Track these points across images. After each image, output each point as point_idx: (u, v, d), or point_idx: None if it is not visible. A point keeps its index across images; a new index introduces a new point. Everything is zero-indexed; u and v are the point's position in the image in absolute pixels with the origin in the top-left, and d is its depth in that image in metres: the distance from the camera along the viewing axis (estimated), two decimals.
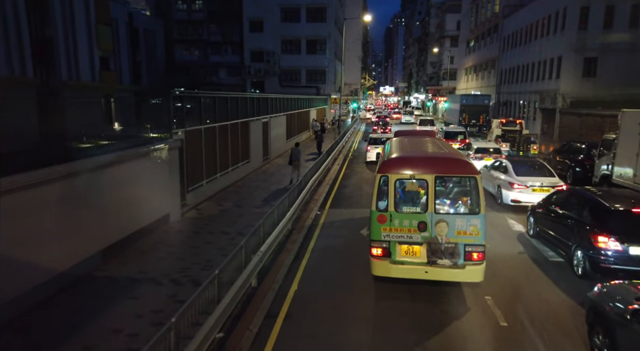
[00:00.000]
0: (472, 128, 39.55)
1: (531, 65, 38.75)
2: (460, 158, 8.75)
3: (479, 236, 7.96)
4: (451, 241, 7.97)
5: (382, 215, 8.21)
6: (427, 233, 8.03)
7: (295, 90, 51.84)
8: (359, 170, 23.52)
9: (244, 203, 15.43)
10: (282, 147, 28.60)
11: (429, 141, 11.30)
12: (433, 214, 8.03)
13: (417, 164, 8.36)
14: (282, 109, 29.12)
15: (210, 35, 57.30)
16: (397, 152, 9.38)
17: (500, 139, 27.57)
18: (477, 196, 8.04)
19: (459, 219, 8.00)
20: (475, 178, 8.11)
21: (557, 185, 14.24)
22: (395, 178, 8.22)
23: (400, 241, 8.15)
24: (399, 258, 8.19)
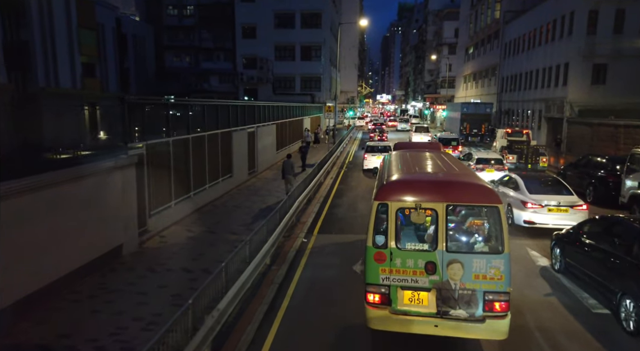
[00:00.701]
0: (474, 138, 37.53)
1: (535, 72, 36.81)
2: (479, 182, 6.95)
3: (503, 281, 6.30)
4: (467, 286, 6.35)
5: (380, 253, 6.57)
6: (436, 276, 6.43)
7: (290, 97, 49.87)
8: (354, 184, 21.34)
9: (219, 228, 13.19)
10: (272, 159, 26.42)
11: (437, 158, 9.42)
12: (444, 253, 6.42)
13: (424, 189, 6.68)
14: (272, 117, 26.99)
15: (202, 42, 55.38)
16: (398, 172, 7.67)
17: (507, 151, 25.46)
18: (500, 229, 6.38)
19: (477, 259, 6.37)
20: (497, 207, 6.45)
21: (577, 204, 12.50)
22: (396, 206, 6.59)
23: (403, 286, 6.54)
24: (401, 307, 6.56)
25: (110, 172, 9.77)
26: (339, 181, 22.10)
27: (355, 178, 23.15)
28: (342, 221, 14.63)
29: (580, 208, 12.41)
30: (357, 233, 12.90)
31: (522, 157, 24.70)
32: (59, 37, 32.79)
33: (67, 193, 8.43)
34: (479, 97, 52.15)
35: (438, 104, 76.51)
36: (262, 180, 21.69)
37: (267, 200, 17.14)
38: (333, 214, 15.57)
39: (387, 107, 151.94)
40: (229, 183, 18.55)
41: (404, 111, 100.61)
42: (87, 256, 9.12)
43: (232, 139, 18.82)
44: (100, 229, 9.46)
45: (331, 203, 17.23)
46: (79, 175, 8.76)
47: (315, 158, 28.36)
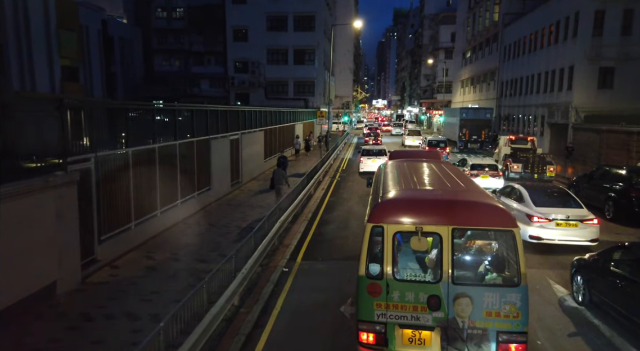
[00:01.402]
0: (473, 144, 35.74)
1: (537, 76, 35.12)
2: (490, 202, 5.96)
3: (519, 320, 5.40)
4: (477, 325, 5.47)
5: (375, 284, 5.68)
6: (441, 313, 5.57)
7: (283, 102, 48.03)
8: (346, 196, 19.42)
9: (186, 253, 11.23)
10: (259, 168, 24.47)
11: (438, 170, 8.38)
12: (450, 285, 5.53)
13: (427, 209, 5.78)
14: (260, 123, 25.08)
15: (192, 45, 53.50)
16: (395, 188, 6.75)
17: (511, 160, 23.63)
18: (516, 257, 5.48)
19: (489, 293, 5.49)
20: (512, 231, 5.54)
21: (587, 219, 11.40)
22: (394, 229, 5.70)
23: (402, 324, 5.66)
24: (400, 349, 5.68)
25: (37, 194, 7.80)
26: (330, 193, 20.18)
27: (348, 188, 21.23)
28: (331, 243, 12.70)
29: (591, 222, 11.32)
30: (348, 257, 10.98)
31: (528, 167, 22.88)
32: (35, 39, 30.75)
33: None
34: (477, 102, 50.48)
35: (435, 109, 74.90)
36: (247, 192, 19.73)
37: (249, 216, 15.18)
38: (321, 234, 13.63)
39: (383, 112, 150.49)
40: (206, 197, 16.59)
41: (400, 116, 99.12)
42: (6, 299, 7.15)
43: (211, 148, 16.88)
44: (20, 267, 7.48)
45: (320, 220, 15.28)
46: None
47: (305, 167, 26.46)
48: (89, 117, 9.72)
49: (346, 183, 22.90)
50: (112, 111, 11.07)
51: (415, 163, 9.38)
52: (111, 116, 10.91)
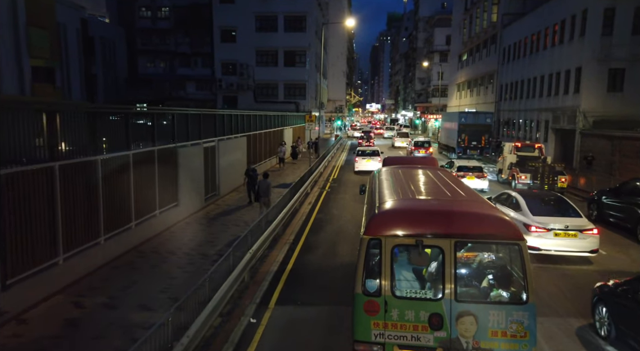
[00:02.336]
0: (473, 151, 33.47)
1: (540, 78, 32.94)
2: (494, 212, 5.49)
3: (527, 340, 4.91)
4: (482, 346, 4.96)
5: (372, 302, 5.17)
6: (444, 333, 5.04)
7: (272, 106, 45.69)
8: (337, 212, 17.00)
9: (128, 296, 8.74)
10: (240, 178, 21.97)
11: (436, 178, 8.09)
12: (453, 302, 5.03)
13: (427, 220, 5.26)
14: (242, 128, 22.64)
15: (178, 46, 51.01)
16: (392, 198, 6.27)
17: (518, 169, 21.34)
18: (524, 272, 5.00)
19: (494, 311, 4.99)
20: (519, 244, 5.07)
21: (587, 228, 10.77)
22: (392, 242, 5.19)
23: (401, 345, 5.12)
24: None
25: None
26: (318, 207, 17.74)
27: (339, 202, 18.81)
28: (316, 279, 10.24)
29: (591, 232, 10.76)
30: (337, 301, 8.55)
31: (537, 177, 20.60)
32: (0, 37, 28.19)
33: None
34: (475, 107, 48.31)
35: (430, 113, 72.79)
36: (223, 206, 17.24)
37: (220, 239, 12.71)
38: (304, 265, 11.17)
39: (377, 116, 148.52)
40: (173, 215, 14.10)
41: (394, 121, 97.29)
42: None
43: (178, 158, 14.40)
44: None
45: (304, 244, 12.83)
46: None
47: (292, 176, 24.03)
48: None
49: (337, 195, 20.48)
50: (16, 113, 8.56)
51: (412, 170, 8.90)
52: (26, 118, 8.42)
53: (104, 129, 10.75)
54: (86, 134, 9.96)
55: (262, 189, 15.02)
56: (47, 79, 36.61)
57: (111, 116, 11.54)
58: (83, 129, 9.89)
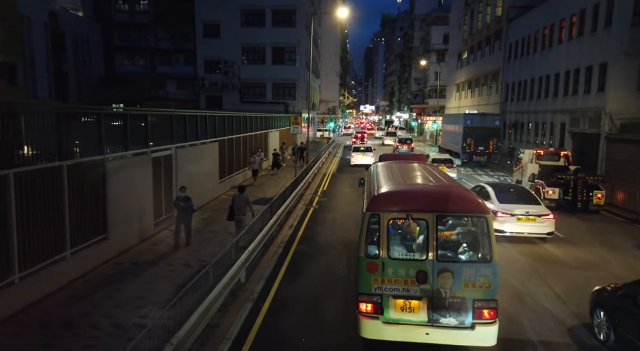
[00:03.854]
0: (479, 157, 29.74)
1: (554, 76, 29.30)
2: (466, 192, 7.07)
3: (491, 289, 6.30)
4: (457, 295, 6.32)
5: (372, 263, 6.51)
6: (427, 285, 6.37)
7: (260, 107, 41.88)
8: (324, 240, 13.14)
9: None
10: (209, 193, 18.08)
11: (423, 169, 9.56)
12: (435, 262, 6.38)
13: (415, 199, 6.75)
14: (214, 132, 18.77)
15: (158, 42, 46.99)
16: (388, 184, 7.62)
17: (543, 183, 17.59)
18: (489, 239, 6.41)
19: (466, 268, 6.35)
20: (485, 217, 6.51)
21: (544, 214, 12.63)
22: (388, 217, 6.58)
23: (395, 295, 6.45)
24: (393, 316, 6.45)
25: None
26: (301, 234, 13.88)
27: (328, 225, 14.95)
28: None
29: (547, 217, 12.59)
30: None
31: (568, 192, 16.87)
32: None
33: None
34: (476, 108, 44.71)
35: (427, 114, 69.20)
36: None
37: (155, 292, 8.82)
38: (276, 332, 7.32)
39: (371, 118, 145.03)
40: (97, 253, 10.18)
41: (389, 122, 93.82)
42: None
43: (106, 174, 10.49)
44: None
45: (274, 301, 8.91)
46: None
47: (274, 190, 20.17)
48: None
49: (325, 214, 16.63)
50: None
51: (404, 164, 10.57)
52: None
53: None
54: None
55: (238, 205, 11.83)
56: (7, 77, 32.58)
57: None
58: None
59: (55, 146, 8.82)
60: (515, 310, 8.59)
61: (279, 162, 25.07)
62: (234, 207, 12.17)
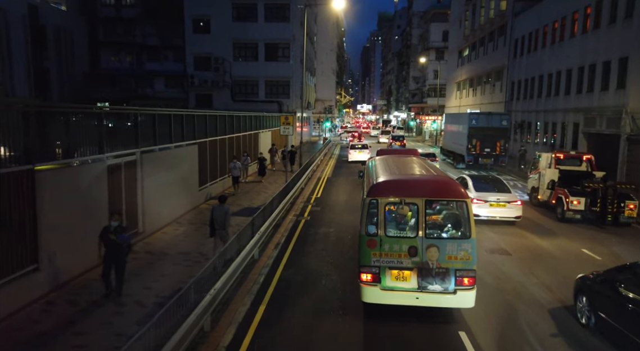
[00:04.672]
0: (486, 159, 27.54)
1: (566, 73, 27.13)
2: (450, 181, 8.28)
3: (470, 261, 7.50)
4: (442, 265, 7.53)
5: (371, 240, 7.72)
6: (417, 258, 7.59)
7: (252, 106, 39.65)
8: (315, 266, 10.90)
9: None
10: (186, 204, 15.78)
11: (415, 162, 10.89)
12: (424, 239, 7.61)
13: (407, 187, 7.98)
14: (193, 133, 16.49)
15: (146, 38, 44.54)
16: (384, 174, 8.79)
17: (567, 191, 15.38)
18: (468, 220, 7.62)
19: (449, 243, 7.59)
20: (465, 202, 7.71)
21: (513, 201, 14.48)
22: (384, 201, 7.79)
23: (390, 267, 7.67)
24: (389, 284, 7.69)
25: None
26: (288, 255, 11.63)
27: (320, 244, 12.70)
28: None
29: (516, 203, 14.51)
30: None
31: (597, 203, 14.67)
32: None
33: None
34: (478, 107, 42.54)
35: (425, 114, 67.07)
36: (141, 255, 11.05)
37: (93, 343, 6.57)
38: None
39: (368, 117, 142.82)
40: (21, 290, 7.91)
41: (387, 122, 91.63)
42: None
43: (36, 187, 8.20)
44: None
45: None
46: None
47: (261, 199, 17.94)
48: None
49: (319, 228, 14.37)
50: None
51: (398, 158, 12.02)
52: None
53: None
54: None
55: (219, 218, 10.26)
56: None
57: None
58: None
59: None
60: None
61: (264, 168, 22.51)
62: (214, 220, 10.28)
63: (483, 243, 12.57)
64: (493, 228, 14.46)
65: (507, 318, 8.18)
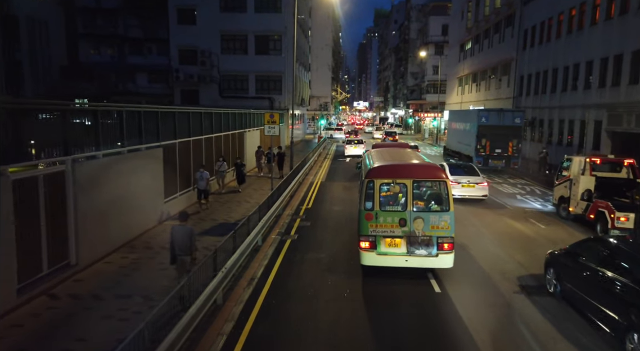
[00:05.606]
0: (496, 161, 24.66)
1: (586, 65, 24.28)
2: (433, 166, 10.03)
3: (449, 230, 9.04)
4: (426, 234, 9.07)
5: (369, 213, 9.21)
6: (406, 228, 9.12)
7: (242, 102, 36.64)
8: (299, 314, 8.03)
9: None
10: (147, 219, 12.81)
11: (404, 152, 12.93)
12: (412, 212, 9.14)
13: (398, 171, 9.52)
14: (158, 133, 13.54)
15: (128, 29, 41.46)
16: (379, 161, 10.43)
17: (611, 205, 12.53)
18: (447, 196, 9.14)
19: (432, 215, 9.13)
20: (445, 182, 9.32)
21: (480, 182, 17.36)
22: (379, 182, 9.32)
23: (384, 236, 9.17)
24: (383, 250, 9.20)
25: None
26: (261, 301, 8.70)
27: (309, 276, 9.80)
28: None
29: (482, 185, 17.36)
30: None
31: None
32: None
33: None
34: (483, 103, 39.70)
35: (424, 111, 64.19)
36: (61, 309, 8.12)
37: None
38: None
39: (365, 114, 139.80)
40: None
41: (384, 119, 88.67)
42: None
43: None
44: None
45: None
46: None
47: (239, 212, 15.03)
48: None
49: (306, 252, 11.44)
50: None
51: (390, 149, 14.20)
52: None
53: None
54: None
55: (179, 241, 8.14)
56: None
57: None
58: None
59: None
60: None
61: (243, 175, 19.01)
62: (174, 244, 8.07)
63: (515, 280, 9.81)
64: (520, 253, 11.63)
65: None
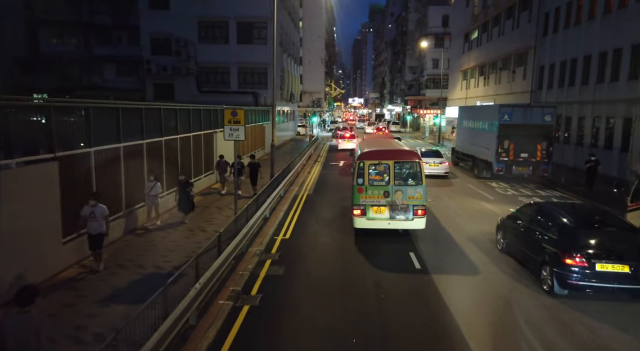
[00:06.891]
0: (522, 168, 20.07)
1: (630, 50, 19.78)
2: (410, 150, 12.75)
3: (422, 200, 11.55)
4: (405, 203, 11.49)
5: (360, 187, 11.54)
6: (389, 198, 11.49)
7: (223, 98, 32.10)
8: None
9: None
10: (30, 271, 8.12)
11: (388, 141, 15.54)
12: (393, 186, 11.52)
13: (383, 154, 11.95)
14: (53, 141, 8.84)
15: (95, 16, 36.59)
16: (368, 148, 12.83)
17: None
18: (421, 173, 11.67)
19: (409, 188, 11.54)
20: (419, 162, 11.78)
21: (443, 162, 22.01)
22: (369, 163, 11.66)
23: (372, 205, 11.55)
24: (371, 216, 11.62)
25: None
26: None
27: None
28: None
29: (444, 164, 21.99)
30: None
31: None
32: None
33: None
34: (492, 98, 35.21)
35: (423, 107, 59.68)
36: None
37: None
38: None
39: (360, 111, 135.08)
40: None
41: (380, 116, 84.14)
42: None
43: None
44: None
45: None
46: None
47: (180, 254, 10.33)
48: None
49: (274, 335, 6.82)
50: None
51: (378, 139, 17.13)
52: None
53: None
54: None
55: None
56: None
57: None
58: None
59: None
60: None
61: (192, 200, 13.61)
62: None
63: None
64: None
65: None
